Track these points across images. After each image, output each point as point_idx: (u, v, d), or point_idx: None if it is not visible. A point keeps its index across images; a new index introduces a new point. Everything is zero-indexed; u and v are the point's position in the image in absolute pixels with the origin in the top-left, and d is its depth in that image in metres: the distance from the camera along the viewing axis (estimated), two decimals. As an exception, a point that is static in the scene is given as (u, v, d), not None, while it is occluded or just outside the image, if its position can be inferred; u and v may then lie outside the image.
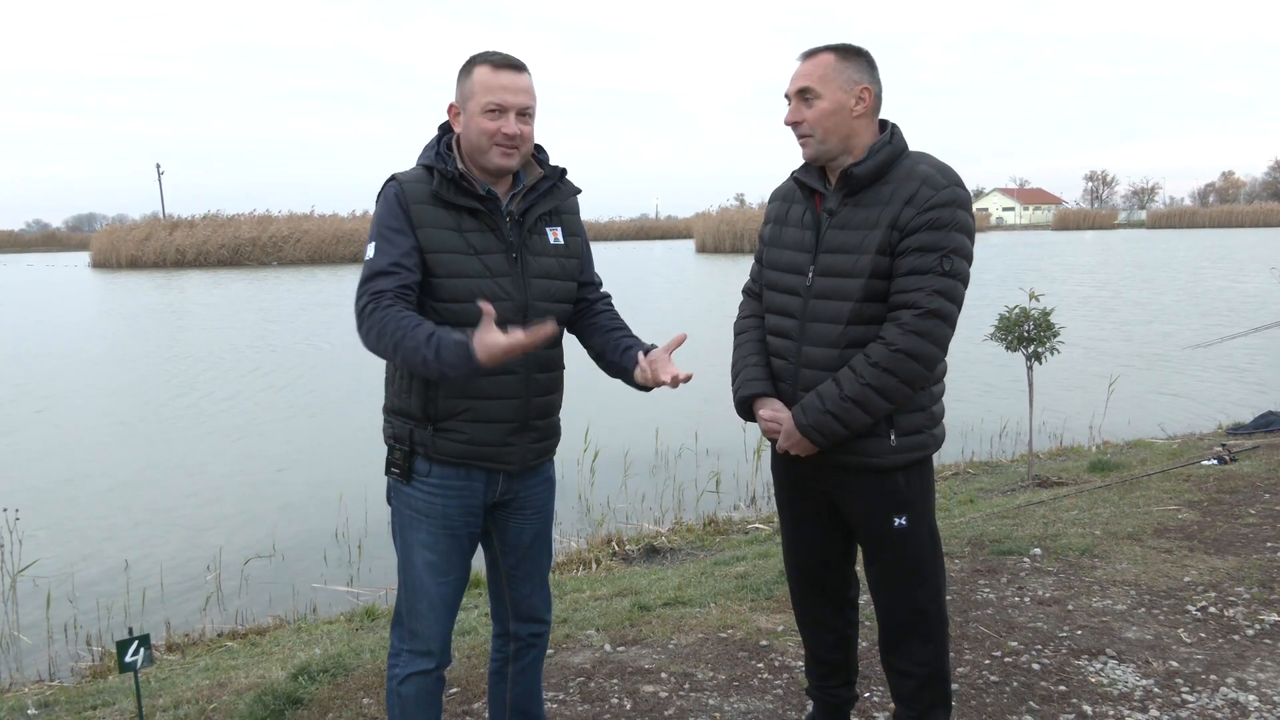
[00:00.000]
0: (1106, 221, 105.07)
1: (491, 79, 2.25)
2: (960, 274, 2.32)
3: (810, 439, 2.38)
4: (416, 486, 2.33)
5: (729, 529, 6.63)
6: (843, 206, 2.40)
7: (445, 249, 2.25)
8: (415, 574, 2.38)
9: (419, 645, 2.40)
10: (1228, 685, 3.22)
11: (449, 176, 2.27)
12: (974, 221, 2.39)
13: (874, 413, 2.33)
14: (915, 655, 2.54)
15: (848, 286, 2.36)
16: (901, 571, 2.51)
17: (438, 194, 2.26)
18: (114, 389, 13.24)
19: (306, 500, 7.61)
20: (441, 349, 2.07)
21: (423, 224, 2.24)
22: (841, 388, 2.32)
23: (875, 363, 2.30)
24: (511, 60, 2.28)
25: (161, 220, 54.00)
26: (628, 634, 3.85)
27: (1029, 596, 4.10)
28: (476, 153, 2.30)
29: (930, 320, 2.28)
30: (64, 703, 3.84)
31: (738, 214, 57.56)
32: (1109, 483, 6.33)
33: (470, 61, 2.31)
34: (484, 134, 2.26)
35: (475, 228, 2.29)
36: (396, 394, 2.35)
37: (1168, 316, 19.46)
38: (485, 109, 2.25)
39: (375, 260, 2.22)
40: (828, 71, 2.36)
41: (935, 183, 2.30)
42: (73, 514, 7.44)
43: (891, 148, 2.37)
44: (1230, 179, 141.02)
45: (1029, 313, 6.26)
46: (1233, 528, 4.96)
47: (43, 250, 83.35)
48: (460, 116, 2.31)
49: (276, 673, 3.71)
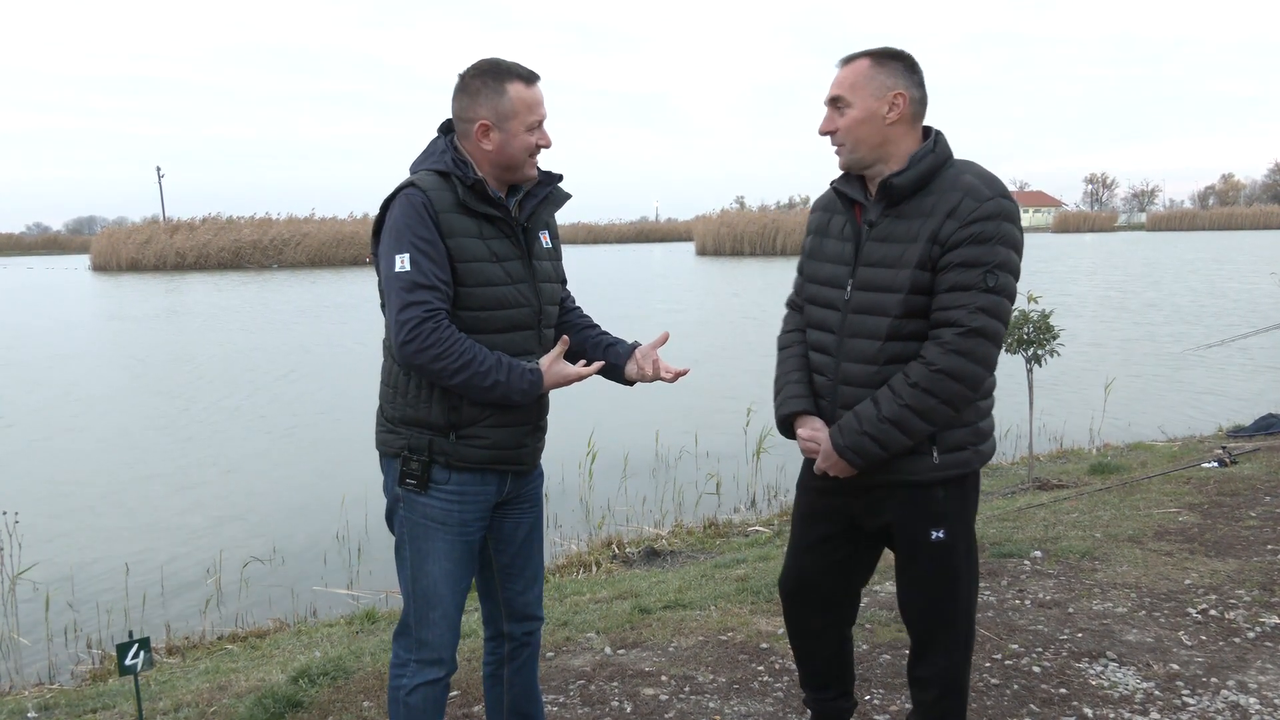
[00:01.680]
0: (1106, 224, 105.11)
1: (529, 95, 2.27)
2: (1006, 290, 2.22)
3: (847, 460, 2.31)
4: (434, 495, 2.31)
5: (729, 531, 6.63)
6: (883, 218, 2.32)
7: (474, 258, 2.25)
8: (430, 584, 2.35)
9: (428, 654, 2.37)
10: (1228, 688, 3.22)
11: (469, 184, 2.25)
12: (1022, 234, 2.27)
13: (913, 435, 2.26)
14: (937, 665, 2.51)
15: (886, 301, 2.28)
16: (934, 584, 2.45)
17: (463, 202, 2.24)
18: (114, 392, 13.24)
19: (307, 503, 7.60)
20: (513, 376, 2.21)
21: (452, 233, 2.22)
22: (880, 408, 2.25)
23: (915, 383, 2.22)
24: (534, 72, 2.31)
25: (162, 223, 54.08)
26: (628, 637, 3.85)
27: (1029, 599, 4.09)
28: (514, 167, 2.31)
29: (973, 339, 2.20)
30: (64, 705, 3.84)
31: (738, 216, 57.60)
32: (1109, 485, 6.33)
33: (496, 77, 2.26)
34: (526, 149, 2.29)
35: (495, 234, 2.29)
36: (411, 404, 2.30)
37: (1167, 319, 19.46)
38: (530, 126, 2.27)
39: (414, 273, 2.17)
40: (859, 78, 2.29)
41: (979, 194, 2.20)
42: (73, 517, 7.44)
43: (935, 156, 2.27)
44: (1230, 181, 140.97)
45: (1028, 315, 6.26)
46: (1233, 530, 4.96)
47: (43, 253, 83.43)
48: (493, 133, 2.27)
49: (276, 675, 3.70)
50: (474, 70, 2.29)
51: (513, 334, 2.31)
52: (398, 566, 2.42)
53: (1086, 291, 25.98)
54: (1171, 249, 52.20)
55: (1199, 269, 34.58)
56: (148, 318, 23.53)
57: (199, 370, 14.73)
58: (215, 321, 22.06)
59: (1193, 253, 46.95)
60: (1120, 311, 20.91)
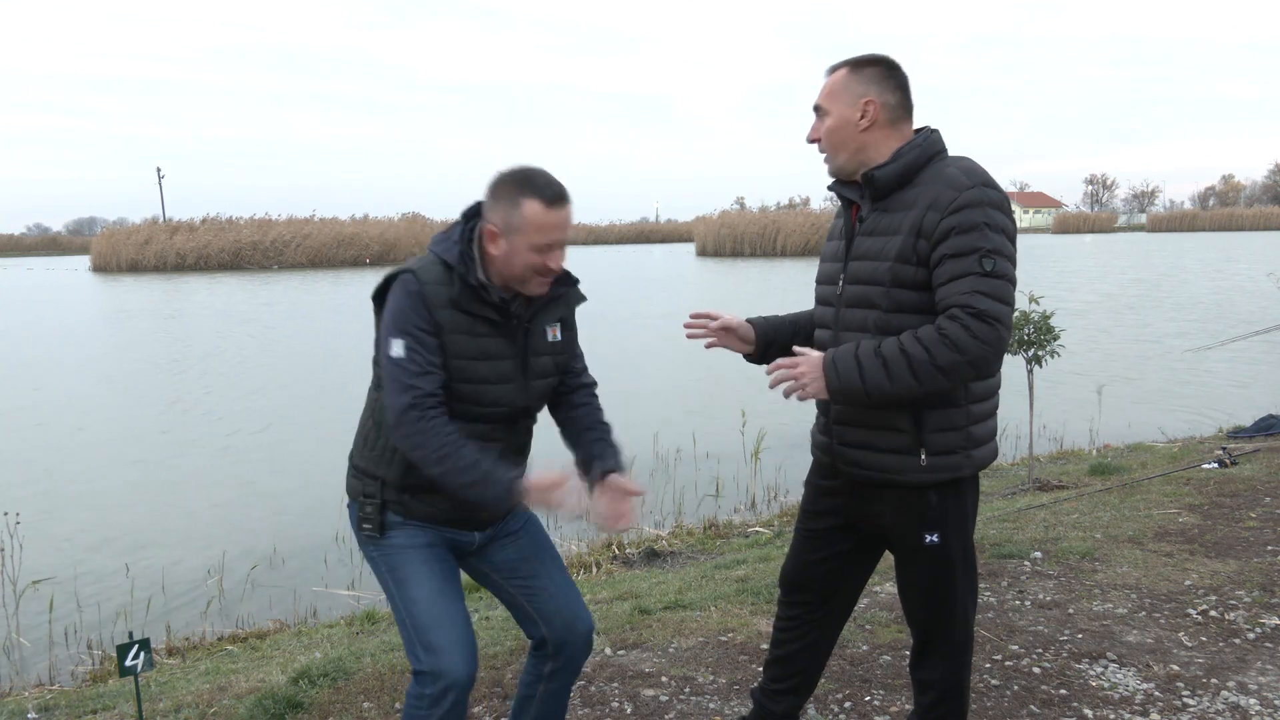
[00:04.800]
0: (1107, 225, 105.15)
1: (545, 218, 2.19)
2: (1006, 274, 2.17)
3: (827, 376, 2.23)
4: (391, 537, 2.32)
5: (729, 532, 6.63)
6: (872, 213, 2.35)
7: (462, 355, 2.22)
8: (421, 610, 2.26)
9: (446, 682, 2.19)
10: (1228, 689, 3.22)
11: (470, 284, 2.22)
12: (1012, 222, 2.24)
13: (897, 382, 2.17)
14: (937, 668, 2.53)
15: (872, 294, 2.30)
16: (929, 588, 2.45)
17: (457, 301, 2.21)
18: (114, 394, 13.24)
19: (307, 504, 7.61)
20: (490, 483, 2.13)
21: (444, 328, 2.20)
22: (880, 345, 2.21)
23: (918, 337, 2.18)
24: (562, 193, 2.22)
25: (162, 224, 54.07)
26: (628, 637, 3.85)
27: (1029, 600, 4.10)
28: (515, 280, 2.25)
29: (983, 321, 2.14)
30: (64, 706, 3.84)
31: (738, 217, 57.62)
32: (1109, 486, 6.33)
33: (518, 189, 2.21)
34: (530, 268, 2.22)
35: (488, 333, 2.26)
36: (372, 457, 2.32)
37: (1167, 319, 19.46)
38: (535, 247, 2.20)
39: (409, 361, 2.16)
40: (836, 87, 2.34)
41: (958, 183, 2.19)
42: (73, 518, 7.44)
43: (920, 151, 2.28)
44: (1230, 182, 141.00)
45: (1029, 316, 6.26)
46: (1233, 531, 4.96)
47: (43, 254, 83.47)
48: (500, 241, 2.22)
49: (277, 676, 3.70)
50: (504, 174, 2.24)
51: (485, 425, 2.29)
52: (389, 603, 2.36)
53: (1087, 292, 25.98)
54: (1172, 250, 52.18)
55: (1199, 269, 34.57)
56: (148, 318, 23.53)
57: (199, 371, 14.73)
58: (216, 322, 22.05)
59: (1193, 253, 46.94)
60: (1120, 312, 20.90)
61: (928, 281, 2.22)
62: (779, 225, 53.38)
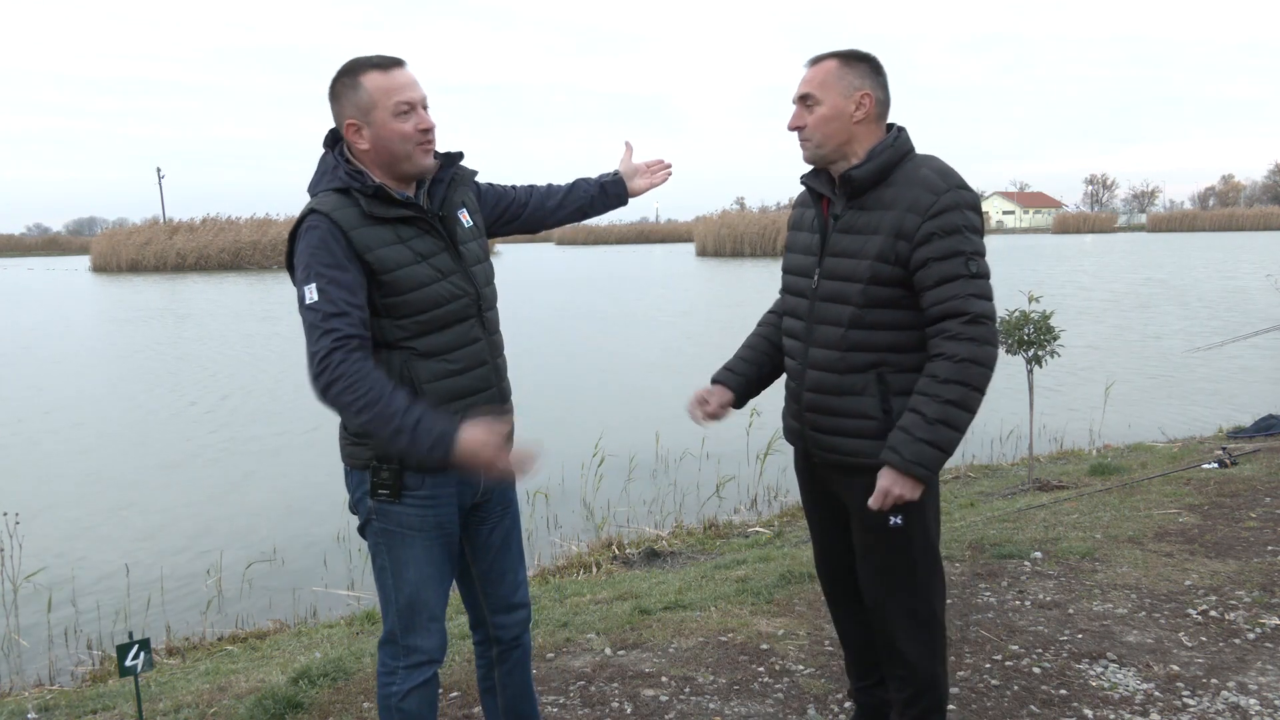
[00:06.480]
0: (1107, 225, 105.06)
1: (388, 81, 2.18)
2: (987, 274, 2.32)
3: (915, 476, 2.28)
4: (407, 503, 2.28)
5: (730, 532, 6.62)
6: (847, 211, 2.41)
7: (399, 264, 2.18)
8: (413, 591, 2.32)
9: (419, 658, 2.34)
10: (1229, 689, 3.22)
11: (370, 193, 2.19)
12: (982, 222, 2.38)
13: (960, 427, 2.27)
14: (907, 659, 2.53)
15: (848, 290, 2.37)
16: (892, 572, 2.50)
17: (370, 213, 2.17)
18: (115, 393, 13.25)
19: (307, 503, 7.61)
20: (419, 432, 2.07)
21: (369, 247, 2.16)
22: (925, 414, 2.26)
23: (946, 379, 2.25)
24: (395, 58, 2.21)
25: (162, 224, 54.08)
26: (628, 638, 3.85)
27: (1029, 600, 4.09)
28: (398, 160, 2.22)
29: (979, 325, 2.26)
30: (64, 706, 3.84)
31: (738, 217, 57.60)
32: (1109, 486, 6.33)
33: (350, 73, 2.20)
34: (403, 137, 2.19)
35: (414, 234, 2.24)
36: None
37: (1168, 319, 19.46)
38: (396, 112, 2.18)
39: (323, 302, 2.10)
40: (828, 77, 2.37)
41: (935, 187, 2.29)
42: (73, 518, 7.44)
43: (894, 150, 2.36)
44: (1230, 182, 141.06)
45: (1029, 315, 6.26)
46: (1233, 531, 4.96)
47: (43, 254, 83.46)
48: (364, 130, 2.20)
49: (276, 676, 3.70)
50: (335, 75, 2.24)
51: (458, 327, 2.27)
52: (376, 577, 2.38)
53: (1087, 292, 25.97)
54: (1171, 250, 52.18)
55: (1200, 269, 34.57)
56: (148, 318, 23.53)
57: (199, 371, 14.73)
58: (216, 322, 22.06)
59: (1193, 253, 46.94)
60: (1120, 312, 20.90)
61: (904, 279, 2.32)
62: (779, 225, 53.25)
